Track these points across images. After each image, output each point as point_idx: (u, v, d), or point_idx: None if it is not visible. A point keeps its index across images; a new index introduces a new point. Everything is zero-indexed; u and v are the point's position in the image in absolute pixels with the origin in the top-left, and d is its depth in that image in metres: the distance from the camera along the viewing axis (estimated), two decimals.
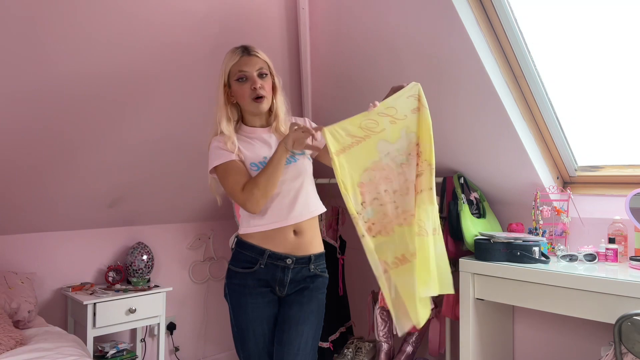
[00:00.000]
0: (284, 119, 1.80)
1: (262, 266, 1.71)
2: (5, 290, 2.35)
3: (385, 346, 2.80)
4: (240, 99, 1.75)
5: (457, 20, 2.02)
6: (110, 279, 2.85)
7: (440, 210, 2.61)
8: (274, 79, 1.79)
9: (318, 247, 1.79)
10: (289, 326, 1.72)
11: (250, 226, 1.74)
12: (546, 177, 2.48)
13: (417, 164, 1.65)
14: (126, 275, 2.93)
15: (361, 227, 1.57)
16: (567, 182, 2.56)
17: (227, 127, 1.74)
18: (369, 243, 1.57)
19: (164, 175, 2.81)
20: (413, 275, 1.57)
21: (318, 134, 1.60)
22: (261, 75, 1.74)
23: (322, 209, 1.82)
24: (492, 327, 2.46)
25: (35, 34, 1.88)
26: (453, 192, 2.55)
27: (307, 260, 1.75)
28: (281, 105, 1.81)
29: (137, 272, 2.90)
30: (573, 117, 2.37)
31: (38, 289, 2.63)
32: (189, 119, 2.58)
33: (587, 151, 2.45)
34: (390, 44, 2.30)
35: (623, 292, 1.85)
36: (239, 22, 2.30)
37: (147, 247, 2.99)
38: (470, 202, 2.53)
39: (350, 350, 2.96)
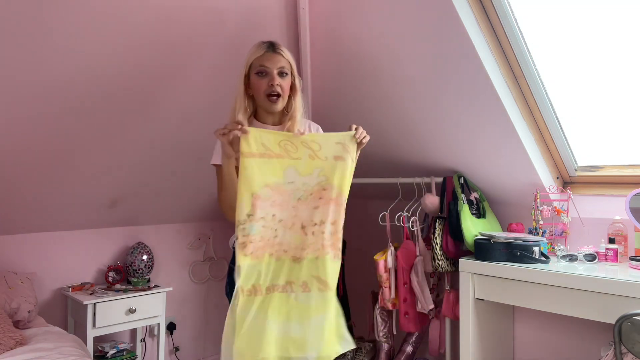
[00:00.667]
0: (300, 121, 1.79)
1: None
2: (5, 290, 2.35)
3: (385, 346, 2.80)
4: (256, 92, 1.75)
5: (457, 20, 2.02)
6: (110, 279, 2.85)
7: (441, 210, 2.61)
8: (294, 80, 1.78)
9: None
10: None
11: None
12: (546, 177, 2.48)
13: (340, 212, 1.67)
14: (126, 275, 2.93)
15: (238, 236, 1.58)
16: (567, 182, 2.56)
17: (243, 119, 1.74)
18: (240, 259, 1.57)
19: (164, 176, 2.81)
20: (252, 308, 1.58)
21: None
22: (281, 74, 1.73)
23: None
24: (492, 327, 2.46)
25: (40, 32, 1.88)
26: (453, 192, 2.55)
27: None
28: (299, 107, 1.80)
29: (137, 272, 2.90)
30: (573, 117, 2.37)
31: (38, 289, 2.63)
32: (190, 120, 2.58)
33: (587, 151, 2.45)
34: (390, 44, 2.30)
35: (623, 292, 1.85)
36: (238, 23, 2.30)
37: (147, 247, 2.99)
38: (470, 202, 2.53)
39: (350, 350, 2.96)
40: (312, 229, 1.65)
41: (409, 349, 2.80)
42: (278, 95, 1.73)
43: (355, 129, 1.69)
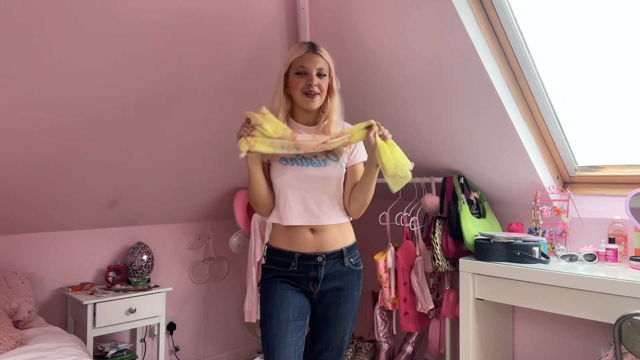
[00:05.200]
0: (337, 122, 1.81)
1: (295, 268, 1.72)
2: (5, 290, 2.35)
3: (385, 346, 2.81)
4: (294, 91, 1.77)
5: (457, 20, 2.02)
6: (110, 279, 2.85)
7: (441, 210, 2.61)
8: (331, 81, 1.81)
9: (347, 240, 1.79)
10: (327, 327, 1.77)
11: (272, 216, 1.78)
12: (546, 177, 2.48)
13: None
14: (126, 275, 2.93)
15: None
16: (567, 182, 2.56)
17: (282, 118, 1.78)
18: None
19: (164, 176, 2.81)
20: None
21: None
22: (320, 75, 1.76)
23: (340, 219, 1.78)
24: (492, 327, 2.46)
25: (40, 33, 1.88)
26: (453, 192, 2.55)
27: (339, 254, 1.75)
28: (336, 108, 1.82)
29: (137, 272, 2.89)
30: (573, 117, 2.37)
31: (38, 289, 2.63)
32: (190, 121, 2.58)
33: (587, 151, 2.45)
34: (390, 44, 2.30)
35: (623, 292, 1.85)
36: (239, 23, 2.30)
37: (147, 247, 2.99)
38: (470, 202, 2.53)
39: (350, 350, 2.97)
40: None
41: (409, 349, 2.80)
42: (315, 94, 1.75)
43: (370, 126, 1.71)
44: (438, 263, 2.50)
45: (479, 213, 2.56)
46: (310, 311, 1.77)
